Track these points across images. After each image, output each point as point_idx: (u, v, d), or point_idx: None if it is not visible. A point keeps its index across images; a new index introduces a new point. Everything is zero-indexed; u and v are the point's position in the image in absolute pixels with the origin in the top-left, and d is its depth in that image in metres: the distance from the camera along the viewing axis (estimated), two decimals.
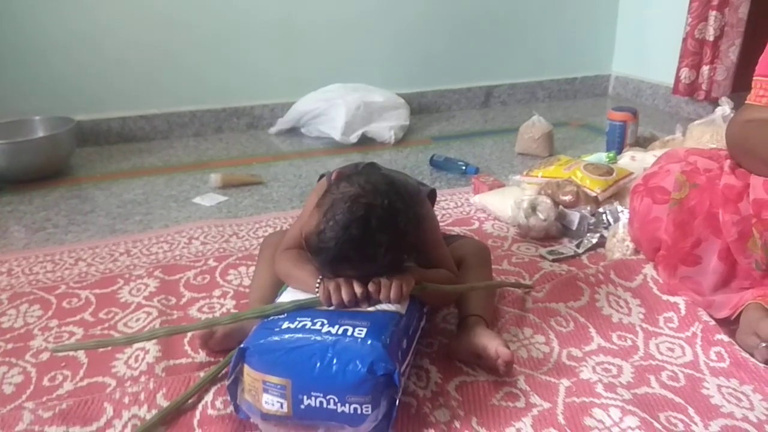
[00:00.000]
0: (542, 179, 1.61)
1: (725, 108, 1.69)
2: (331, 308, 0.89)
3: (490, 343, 0.96)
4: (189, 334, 1.09)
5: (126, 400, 0.93)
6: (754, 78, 1.18)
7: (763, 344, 0.97)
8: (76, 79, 2.27)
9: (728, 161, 1.17)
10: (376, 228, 0.88)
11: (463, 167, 1.96)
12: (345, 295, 0.88)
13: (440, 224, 1.56)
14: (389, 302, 0.90)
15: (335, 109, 2.30)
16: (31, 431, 0.88)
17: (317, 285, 0.92)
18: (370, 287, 0.90)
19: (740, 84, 2.42)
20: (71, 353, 1.06)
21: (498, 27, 2.78)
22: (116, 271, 1.37)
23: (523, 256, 1.40)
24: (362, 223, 0.88)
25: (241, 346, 0.84)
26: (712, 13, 2.37)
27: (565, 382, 0.96)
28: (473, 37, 2.76)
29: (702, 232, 1.11)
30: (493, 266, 1.30)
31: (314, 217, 0.93)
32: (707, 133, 1.69)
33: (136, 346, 1.07)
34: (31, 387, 0.99)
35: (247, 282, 1.29)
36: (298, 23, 2.46)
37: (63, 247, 1.50)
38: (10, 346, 1.10)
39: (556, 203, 1.49)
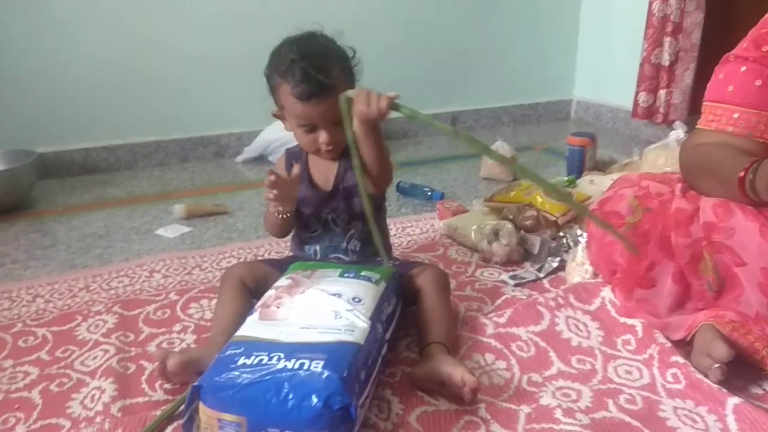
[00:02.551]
0: (504, 204, 1.63)
1: (679, 132, 1.75)
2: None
3: (455, 371, 0.96)
4: (147, 372, 1.07)
5: None
6: (704, 103, 1.22)
7: (716, 365, 0.99)
8: (36, 111, 2.24)
9: (679, 185, 1.20)
10: (321, 41, 1.13)
11: (429, 193, 1.98)
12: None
13: (406, 251, 1.57)
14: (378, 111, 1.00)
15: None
16: None
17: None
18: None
19: (696, 107, 2.47)
20: (25, 394, 1.04)
21: (463, 54, 2.84)
22: (75, 307, 1.34)
23: (486, 281, 1.41)
24: (308, 41, 1.12)
25: (195, 384, 0.83)
26: (667, 39, 2.45)
27: (525, 409, 0.97)
28: (439, 64, 2.81)
29: (656, 255, 1.13)
30: (456, 292, 1.32)
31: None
32: (662, 156, 1.74)
33: (92, 385, 1.05)
34: None
35: (209, 315, 1.27)
36: (262, 54, 2.46)
37: (21, 283, 1.47)
38: None
39: (518, 228, 1.52)
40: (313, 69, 1.07)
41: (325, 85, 1.08)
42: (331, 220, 1.23)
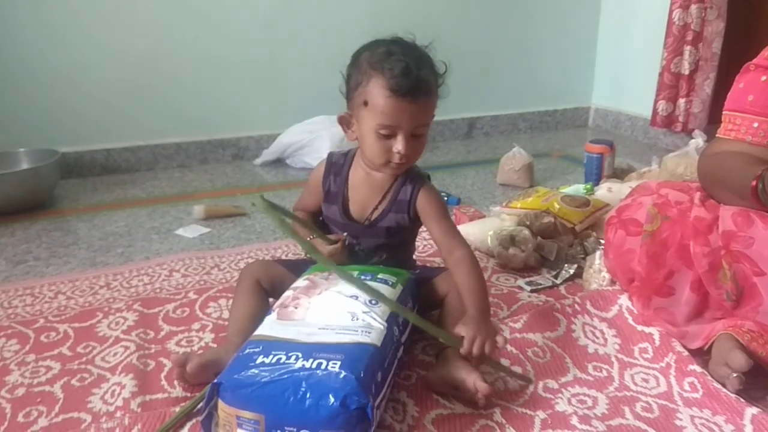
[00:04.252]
0: (521, 210, 1.63)
1: (698, 140, 1.74)
2: None
3: (468, 377, 0.97)
4: (166, 369, 1.09)
5: None
6: (724, 112, 1.22)
7: (734, 374, 0.99)
8: (60, 111, 2.28)
9: (698, 193, 1.20)
10: (419, 47, 1.09)
11: (445, 198, 1.98)
12: None
13: (423, 255, 1.58)
14: None
15: (320, 141, 2.33)
16: None
17: None
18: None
19: (716, 116, 2.46)
20: (47, 388, 1.06)
21: (481, 60, 2.85)
22: (95, 304, 1.36)
23: (503, 287, 1.41)
24: (405, 42, 1.08)
25: (215, 381, 0.84)
26: (687, 48, 2.44)
27: (540, 414, 0.97)
28: (457, 70, 2.77)
29: (674, 263, 1.13)
30: None
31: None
32: (681, 164, 1.73)
33: (112, 380, 1.07)
34: (6, 423, 0.98)
35: (226, 314, 1.28)
36: (282, 59, 2.50)
37: (43, 280, 1.50)
38: None
39: (535, 234, 1.52)
40: (415, 66, 1.03)
41: (423, 84, 1.03)
42: (356, 249, 1.19)
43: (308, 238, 1.14)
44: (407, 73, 1.02)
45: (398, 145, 1.06)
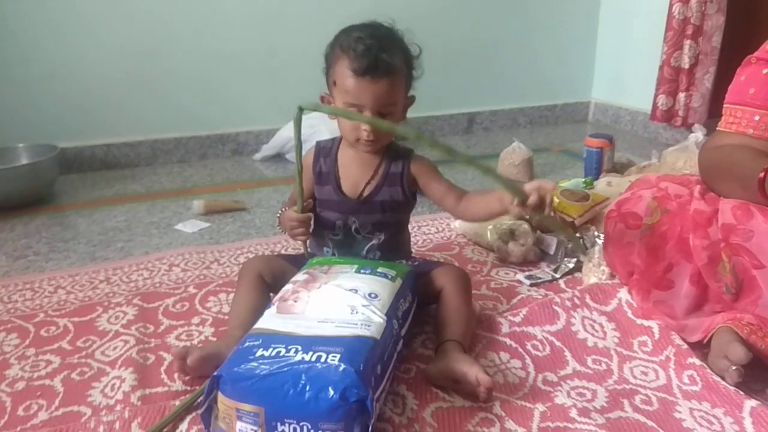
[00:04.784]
0: None
1: (698, 134, 1.74)
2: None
3: (470, 370, 0.97)
4: (165, 363, 1.09)
5: (101, 429, 0.92)
6: (725, 105, 1.22)
7: (733, 367, 0.99)
8: (60, 106, 2.28)
9: (698, 187, 1.20)
10: (389, 29, 1.13)
11: None
12: None
13: (421, 249, 1.58)
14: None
15: (319, 135, 2.28)
16: None
17: None
18: None
19: (716, 110, 2.46)
20: (47, 382, 1.06)
21: (480, 55, 2.84)
22: (95, 299, 1.36)
23: (502, 281, 1.41)
24: (376, 26, 1.12)
25: (215, 373, 0.84)
26: (687, 42, 2.43)
27: (540, 407, 0.97)
28: (456, 65, 2.81)
29: (673, 256, 1.13)
30: (472, 292, 1.32)
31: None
32: (681, 158, 1.73)
33: (112, 374, 1.07)
34: (6, 417, 0.98)
35: (226, 309, 1.29)
36: (281, 53, 2.50)
37: (43, 275, 1.50)
38: None
39: (534, 228, 1.52)
40: (377, 48, 1.08)
41: (383, 64, 1.07)
42: (354, 229, 1.21)
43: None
44: (367, 54, 1.07)
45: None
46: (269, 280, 1.17)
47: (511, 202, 1.01)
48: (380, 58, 1.07)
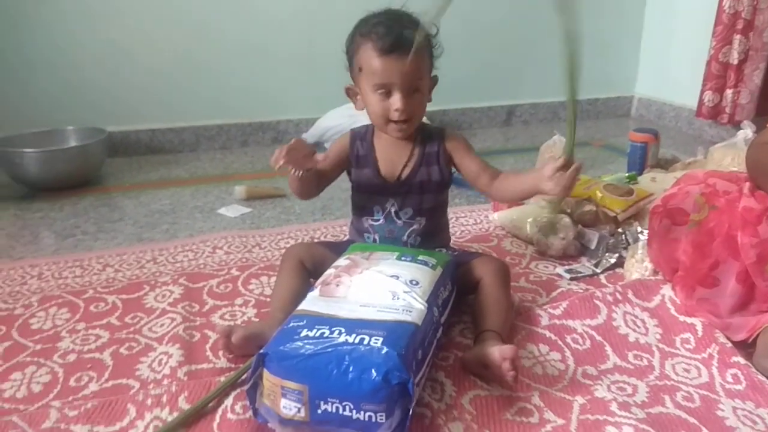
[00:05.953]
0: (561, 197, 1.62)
1: (747, 131, 1.69)
2: None
3: (493, 349, 0.96)
4: (210, 341, 1.13)
5: (149, 402, 0.95)
6: None
7: None
8: (109, 92, 2.34)
9: (747, 184, 1.17)
10: (403, 11, 1.14)
11: None
12: None
13: (459, 241, 1.58)
14: None
15: (359, 125, 2.33)
16: (57, 429, 0.91)
17: None
18: None
19: (764, 107, 2.42)
20: (97, 355, 1.10)
21: (520, 47, 2.81)
22: (142, 277, 1.40)
23: (541, 274, 1.40)
24: (391, 9, 1.14)
25: (261, 351, 0.86)
26: (737, 37, 2.37)
27: (579, 400, 0.97)
28: (496, 57, 2.79)
29: (720, 254, 1.11)
30: (511, 283, 1.31)
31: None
32: (728, 155, 1.69)
33: (159, 350, 1.11)
34: (58, 387, 1.03)
35: (268, 291, 1.31)
36: (320, 47, 2.51)
37: (91, 253, 1.55)
38: (39, 347, 1.14)
39: (575, 222, 1.50)
40: (398, 26, 1.10)
41: (406, 41, 1.08)
42: (394, 213, 1.22)
43: None
44: (390, 33, 1.09)
45: (395, 102, 1.12)
46: (310, 267, 1.19)
47: (550, 174, 1.06)
48: (403, 35, 1.09)
